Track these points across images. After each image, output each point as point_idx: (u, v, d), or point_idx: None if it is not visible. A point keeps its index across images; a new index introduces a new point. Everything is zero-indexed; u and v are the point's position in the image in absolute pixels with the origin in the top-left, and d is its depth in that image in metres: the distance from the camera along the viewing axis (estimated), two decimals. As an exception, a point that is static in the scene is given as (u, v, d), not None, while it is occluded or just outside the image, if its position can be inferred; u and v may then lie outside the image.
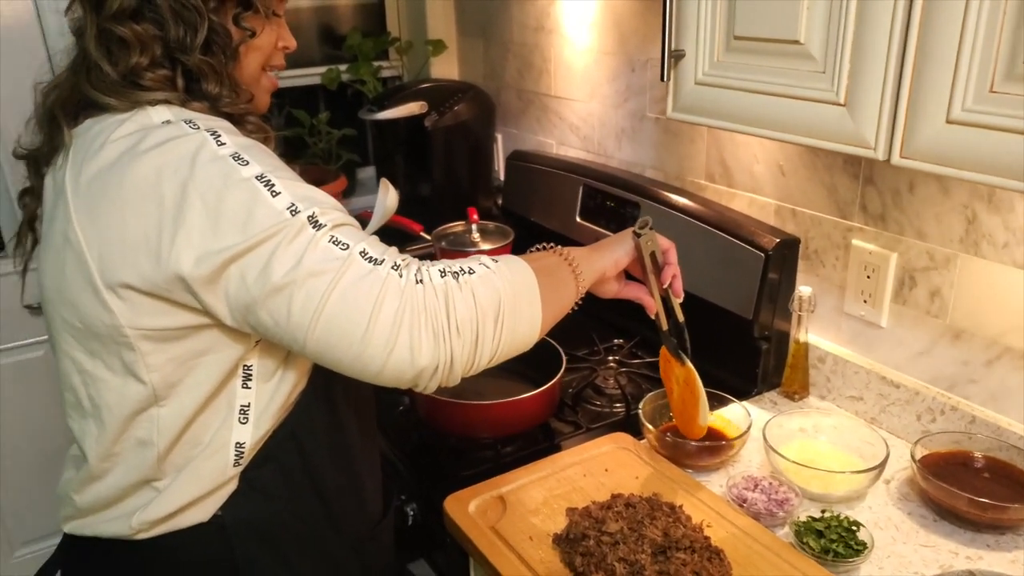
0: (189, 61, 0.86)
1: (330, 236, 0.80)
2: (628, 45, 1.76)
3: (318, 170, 2.28)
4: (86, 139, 0.86)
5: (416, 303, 0.80)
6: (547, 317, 0.93)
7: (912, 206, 1.25)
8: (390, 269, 0.81)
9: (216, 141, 0.81)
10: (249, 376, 0.90)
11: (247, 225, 0.77)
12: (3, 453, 2.15)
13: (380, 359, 0.80)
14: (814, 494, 1.17)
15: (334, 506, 1.00)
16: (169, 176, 0.78)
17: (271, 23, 0.95)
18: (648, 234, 1.09)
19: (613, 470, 1.23)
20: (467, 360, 0.84)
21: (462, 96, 2.17)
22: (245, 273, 0.78)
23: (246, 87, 0.95)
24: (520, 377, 1.48)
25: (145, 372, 0.85)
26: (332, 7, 2.46)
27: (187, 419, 0.88)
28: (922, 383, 1.29)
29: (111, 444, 0.89)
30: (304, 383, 0.95)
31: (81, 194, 0.82)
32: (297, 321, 0.79)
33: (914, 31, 0.84)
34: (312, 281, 0.78)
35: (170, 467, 0.90)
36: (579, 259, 1.01)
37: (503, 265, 0.89)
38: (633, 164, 1.82)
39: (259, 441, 0.92)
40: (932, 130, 0.85)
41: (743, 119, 1.07)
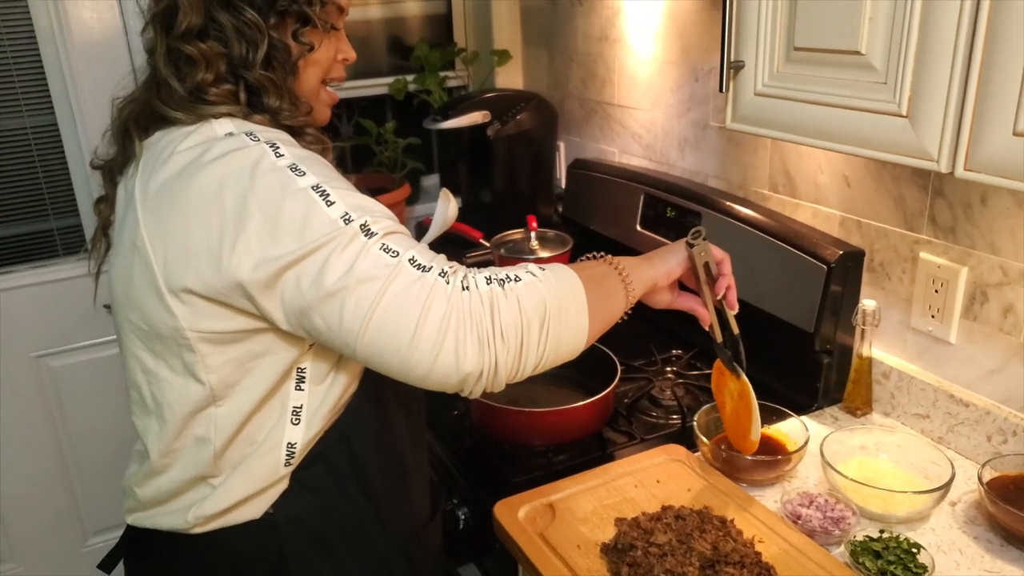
0: (251, 76, 0.90)
1: (381, 244, 0.82)
2: (691, 55, 1.75)
3: (383, 178, 2.32)
4: (155, 150, 0.90)
5: (462, 309, 0.82)
6: (594, 326, 0.93)
7: (984, 219, 1.21)
8: (438, 276, 0.83)
9: (275, 153, 0.84)
10: (303, 379, 0.93)
11: (303, 233, 0.80)
12: (79, 446, 2.26)
13: (427, 363, 0.82)
14: (873, 514, 1.14)
15: (382, 506, 1.03)
16: (231, 186, 0.82)
17: (330, 37, 0.98)
18: (701, 244, 1.08)
19: (665, 482, 1.22)
20: (511, 366, 0.85)
21: (525, 105, 2.19)
22: (300, 279, 0.81)
23: (306, 100, 0.98)
24: (575, 385, 1.48)
25: (204, 373, 0.88)
26: (401, 18, 2.51)
27: (243, 418, 0.91)
28: (993, 402, 1.25)
29: (171, 441, 0.93)
30: (355, 387, 0.97)
31: (149, 203, 0.87)
32: (349, 326, 0.81)
33: (980, 41, 0.82)
34: (363, 287, 0.80)
35: (226, 464, 0.93)
36: (630, 269, 1.01)
37: (550, 273, 0.90)
38: (696, 173, 1.81)
39: (310, 442, 0.95)
40: (998, 142, 0.82)
41: (803, 130, 1.05)
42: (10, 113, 2.04)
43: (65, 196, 2.16)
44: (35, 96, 2.05)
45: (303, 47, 0.94)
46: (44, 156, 2.10)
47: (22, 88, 2.03)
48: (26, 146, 2.08)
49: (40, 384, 2.18)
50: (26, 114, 2.05)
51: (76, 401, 2.21)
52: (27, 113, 2.05)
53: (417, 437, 1.11)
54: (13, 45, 2.00)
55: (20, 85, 2.03)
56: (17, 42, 2.00)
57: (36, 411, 2.19)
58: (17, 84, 2.03)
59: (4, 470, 2.18)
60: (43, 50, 2.01)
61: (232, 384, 0.90)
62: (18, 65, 2.01)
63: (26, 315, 2.11)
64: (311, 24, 0.94)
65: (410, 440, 1.07)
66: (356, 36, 2.44)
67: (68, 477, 2.28)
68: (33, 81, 2.04)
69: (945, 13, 0.85)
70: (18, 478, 2.21)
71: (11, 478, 2.20)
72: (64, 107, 2.06)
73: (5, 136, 2.06)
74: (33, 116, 2.06)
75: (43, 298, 2.11)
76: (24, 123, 2.06)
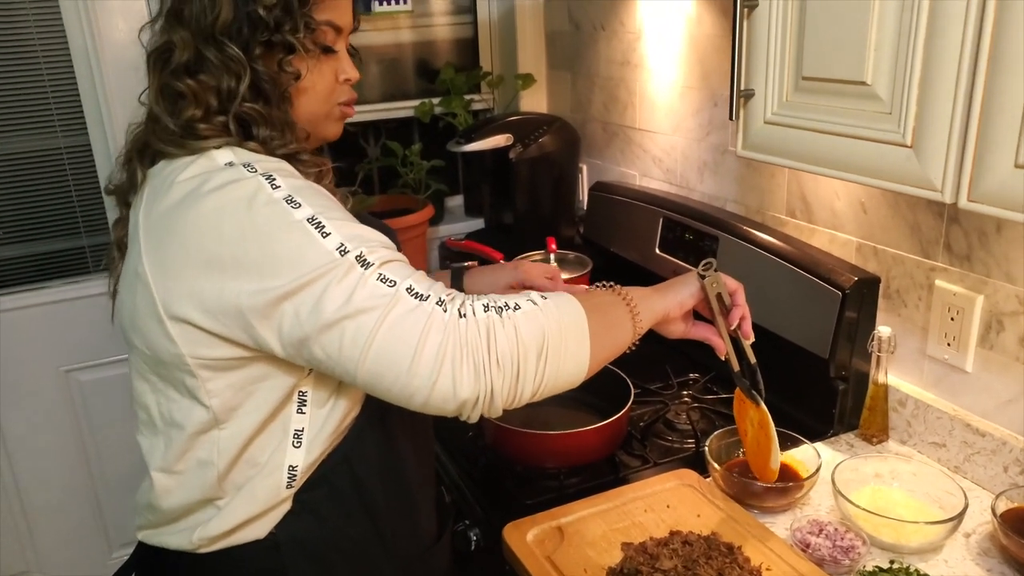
0: (238, 109, 0.91)
1: (378, 274, 0.83)
2: (711, 80, 1.76)
3: (408, 199, 2.36)
4: (158, 180, 0.92)
5: (459, 337, 0.83)
6: (597, 355, 0.93)
7: (1000, 247, 1.20)
8: (435, 304, 0.84)
9: (271, 185, 0.85)
10: (304, 402, 0.94)
11: (299, 265, 0.82)
12: (106, 460, 2.30)
13: (425, 390, 0.82)
14: (885, 543, 1.13)
15: (386, 529, 1.03)
16: (228, 217, 0.83)
17: (326, 60, 0.98)
18: (712, 276, 1.08)
19: (675, 506, 1.22)
20: (508, 393, 0.86)
21: (547, 129, 2.21)
22: (299, 310, 0.82)
23: (305, 125, 0.99)
24: (589, 408, 1.49)
25: (206, 397, 0.90)
26: (430, 42, 2.55)
27: (245, 441, 0.93)
28: (1010, 432, 1.23)
29: (175, 462, 0.95)
30: (357, 410, 0.98)
31: (150, 232, 0.89)
32: (348, 354, 0.82)
33: (981, 74, 0.82)
34: (362, 317, 0.81)
35: (230, 486, 0.95)
36: (638, 299, 1.01)
37: (551, 302, 0.90)
38: (714, 198, 1.81)
39: (311, 465, 0.96)
40: (1000, 174, 0.83)
41: (811, 159, 1.06)
42: (46, 133, 2.11)
43: (97, 214, 2.22)
44: (70, 116, 2.12)
45: (290, 76, 0.94)
46: (77, 175, 2.17)
47: (57, 108, 2.10)
48: (60, 166, 2.15)
49: (69, 398, 2.23)
50: (60, 134, 2.12)
51: (104, 415, 2.26)
52: (62, 133, 2.12)
53: (423, 460, 1.11)
54: (49, 66, 2.06)
55: (55, 105, 2.09)
56: (53, 63, 2.07)
57: (65, 424, 2.24)
58: (52, 104, 2.09)
59: (32, 482, 2.24)
60: (78, 71, 2.08)
61: (234, 408, 0.91)
62: (54, 85, 2.08)
63: (58, 330, 2.17)
64: (296, 52, 0.93)
65: (416, 463, 1.08)
66: (386, 59, 2.49)
67: (95, 490, 2.32)
68: (68, 101, 2.11)
69: (948, 44, 0.85)
70: (46, 490, 2.26)
71: (39, 490, 2.25)
72: (97, 127, 2.12)
73: (41, 156, 2.12)
74: (67, 136, 2.13)
75: (74, 313, 2.17)
76: (59, 143, 2.13)
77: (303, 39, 0.93)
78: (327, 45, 0.98)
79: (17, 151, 2.11)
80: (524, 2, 2.41)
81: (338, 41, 1.00)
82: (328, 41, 0.98)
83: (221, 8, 0.89)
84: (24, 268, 2.19)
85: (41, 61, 2.05)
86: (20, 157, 2.11)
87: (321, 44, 0.96)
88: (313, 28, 0.94)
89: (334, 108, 1.02)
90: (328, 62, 0.99)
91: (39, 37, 2.04)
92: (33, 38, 2.03)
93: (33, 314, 2.14)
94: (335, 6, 0.97)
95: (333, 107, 1.02)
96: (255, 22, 0.90)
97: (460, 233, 2.48)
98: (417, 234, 2.27)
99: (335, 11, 0.97)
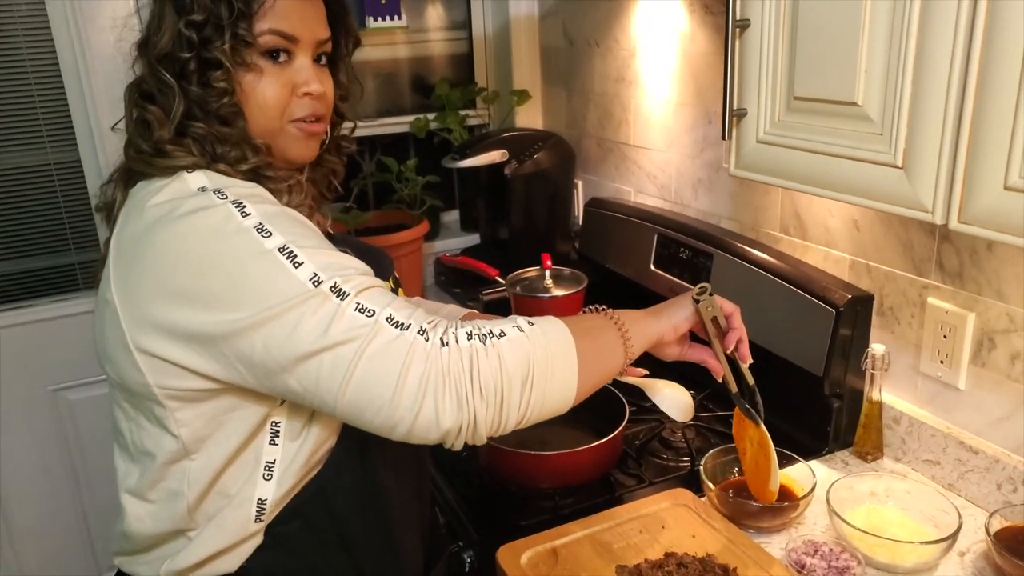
0: (189, 131, 0.90)
1: (356, 304, 0.81)
2: (705, 97, 1.77)
3: (403, 214, 2.36)
4: (133, 202, 0.91)
5: (441, 367, 0.81)
6: (585, 382, 0.90)
7: (991, 265, 1.20)
8: (416, 334, 0.81)
9: (241, 212, 0.83)
10: (277, 433, 0.91)
11: (269, 296, 0.80)
12: (96, 480, 2.27)
13: (407, 421, 0.81)
14: (880, 563, 1.13)
15: (364, 565, 1.00)
16: (195, 246, 0.81)
17: (274, 73, 0.92)
18: (707, 300, 1.07)
19: (670, 527, 1.21)
20: (492, 422, 0.84)
21: (542, 145, 2.22)
22: (268, 342, 0.80)
23: (266, 139, 0.94)
24: (584, 426, 1.48)
25: (175, 427, 0.88)
26: (425, 58, 2.56)
27: (215, 472, 0.90)
28: (1003, 450, 1.23)
29: (147, 491, 0.93)
30: (332, 441, 0.95)
31: (120, 256, 0.87)
32: (327, 387, 0.80)
33: (970, 96, 0.83)
34: (340, 348, 0.79)
35: (202, 517, 0.92)
36: (630, 323, 0.98)
37: (538, 328, 0.88)
38: (709, 214, 1.82)
39: (282, 498, 0.93)
40: (990, 196, 0.83)
41: (803, 179, 1.06)
42: (35, 148, 2.10)
43: (87, 231, 2.21)
44: (59, 132, 2.11)
45: (218, 92, 0.89)
46: (67, 191, 2.16)
47: (46, 124, 2.09)
48: (49, 181, 2.14)
49: (58, 417, 2.21)
50: (50, 150, 2.12)
51: (93, 434, 2.24)
52: (51, 149, 2.12)
53: (408, 492, 1.07)
54: (39, 81, 2.06)
55: (45, 120, 2.09)
56: (43, 78, 2.06)
57: (53, 444, 2.22)
58: (42, 119, 2.09)
59: (20, 502, 2.21)
60: (67, 86, 2.07)
61: (204, 438, 0.89)
62: (43, 100, 2.08)
63: (46, 348, 2.15)
64: (222, 67, 0.88)
65: (399, 496, 1.04)
66: (381, 74, 2.50)
67: (83, 511, 2.30)
68: (58, 116, 2.10)
69: (937, 66, 0.86)
70: (34, 511, 2.23)
71: (27, 511, 2.22)
72: (87, 143, 2.12)
73: (30, 172, 2.12)
74: (57, 151, 2.12)
75: (63, 331, 2.15)
76: (48, 159, 2.12)
77: (240, 52, 0.89)
78: (272, 49, 0.91)
79: (6, 167, 2.10)
80: (519, 18, 2.42)
81: (296, 51, 0.93)
82: (271, 46, 0.91)
83: (164, 33, 0.89)
84: (13, 285, 2.18)
85: (31, 76, 2.05)
86: (9, 173, 2.10)
87: (265, 51, 0.91)
88: (248, 40, 0.89)
89: (287, 125, 0.95)
90: (277, 75, 0.93)
91: (28, 52, 2.03)
92: (23, 53, 2.02)
93: (21, 332, 2.13)
94: (285, 15, 0.91)
95: (286, 124, 0.95)
96: (182, 42, 0.88)
97: (455, 249, 2.48)
98: (412, 250, 2.27)
99: (285, 20, 0.91)
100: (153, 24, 0.91)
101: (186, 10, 0.88)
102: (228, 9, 0.88)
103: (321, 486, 0.95)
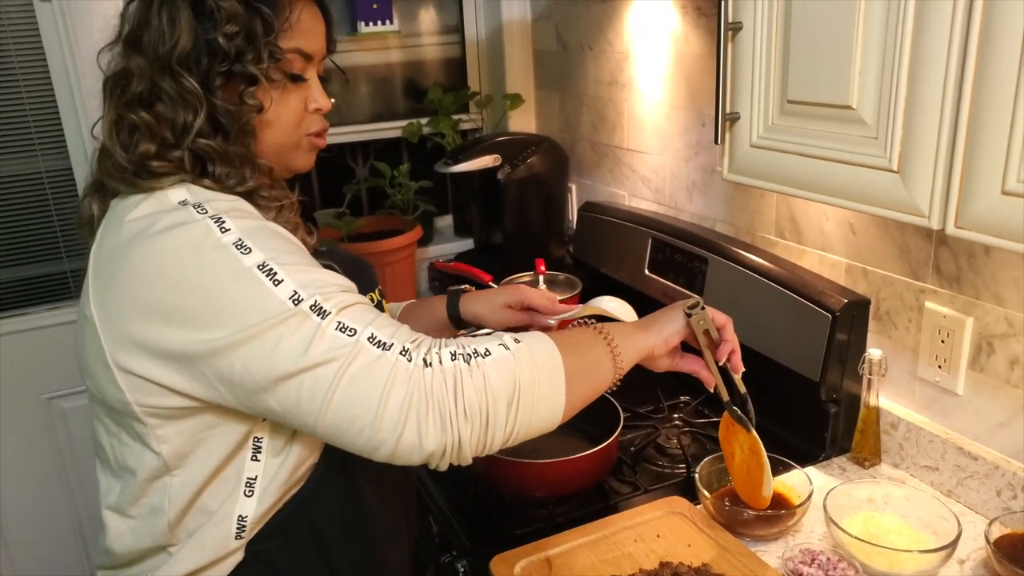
0: (191, 145, 0.86)
1: (336, 323, 0.79)
2: (698, 100, 1.75)
3: (396, 220, 2.34)
4: (111, 216, 0.89)
5: (423, 388, 0.79)
6: (573, 399, 0.89)
7: (988, 269, 1.19)
8: (398, 354, 0.80)
9: (220, 228, 0.81)
10: (259, 449, 0.90)
11: (247, 315, 0.78)
12: (89, 488, 2.25)
13: (390, 444, 0.79)
14: (878, 572, 1.11)
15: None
16: (173, 263, 0.79)
17: (293, 90, 0.93)
18: (699, 314, 1.05)
19: (665, 536, 1.20)
20: (477, 443, 0.82)
21: (535, 149, 2.20)
22: (247, 362, 0.78)
23: (271, 157, 0.94)
24: (579, 433, 1.47)
25: (156, 444, 0.86)
26: (418, 62, 2.54)
27: (197, 488, 0.89)
28: (1002, 456, 1.22)
29: (128, 506, 0.92)
30: (314, 458, 0.94)
31: (98, 272, 0.85)
32: (307, 408, 0.79)
33: (966, 99, 0.82)
34: (320, 369, 0.78)
35: (183, 533, 0.91)
36: (619, 337, 0.97)
37: (524, 346, 0.87)
38: (704, 218, 1.80)
39: (263, 515, 0.92)
40: (987, 200, 0.82)
41: (797, 183, 1.05)
42: (26, 156, 2.08)
43: (79, 238, 2.16)
44: (50, 139, 2.09)
45: (251, 108, 0.88)
46: (58, 199, 2.14)
47: (37, 131, 2.07)
48: (40, 189, 2.12)
49: (51, 426, 2.19)
50: (41, 157, 2.09)
51: (87, 443, 2.19)
52: (42, 156, 2.09)
53: (393, 510, 1.06)
54: (29, 88, 2.04)
55: (35, 127, 2.07)
56: (33, 85, 2.04)
57: (46, 452, 2.20)
58: (33, 127, 2.06)
59: (13, 511, 2.19)
60: (58, 93, 2.05)
61: (185, 455, 0.88)
62: (33, 108, 2.05)
63: (38, 357, 2.13)
64: (259, 83, 0.88)
65: (384, 514, 1.03)
66: (374, 79, 2.49)
67: (77, 518, 2.28)
68: (49, 124, 2.08)
69: (932, 69, 0.84)
70: (27, 520, 2.21)
71: (20, 518, 2.21)
72: (78, 150, 2.10)
73: (21, 180, 2.10)
74: (48, 159, 2.10)
75: (55, 339, 2.13)
76: (39, 166, 2.10)
77: (267, 69, 0.88)
78: (295, 74, 0.92)
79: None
80: (512, 22, 2.41)
81: (308, 69, 0.95)
82: (296, 69, 0.93)
83: (180, 36, 0.84)
84: (5, 293, 2.16)
85: (21, 83, 2.03)
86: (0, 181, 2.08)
87: (288, 73, 0.91)
88: (278, 57, 0.89)
89: (303, 139, 0.97)
90: (296, 91, 0.93)
91: (18, 59, 2.01)
92: (12, 59, 2.00)
93: (14, 340, 2.11)
94: (304, 33, 0.92)
95: (301, 138, 0.96)
96: (215, 52, 0.85)
97: (449, 254, 2.47)
98: (406, 255, 2.25)
99: (304, 38, 0.92)
100: (156, 22, 0.86)
101: (213, 19, 0.85)
102: (263, 25, 0.87)
103: (303, 503, 0.94)
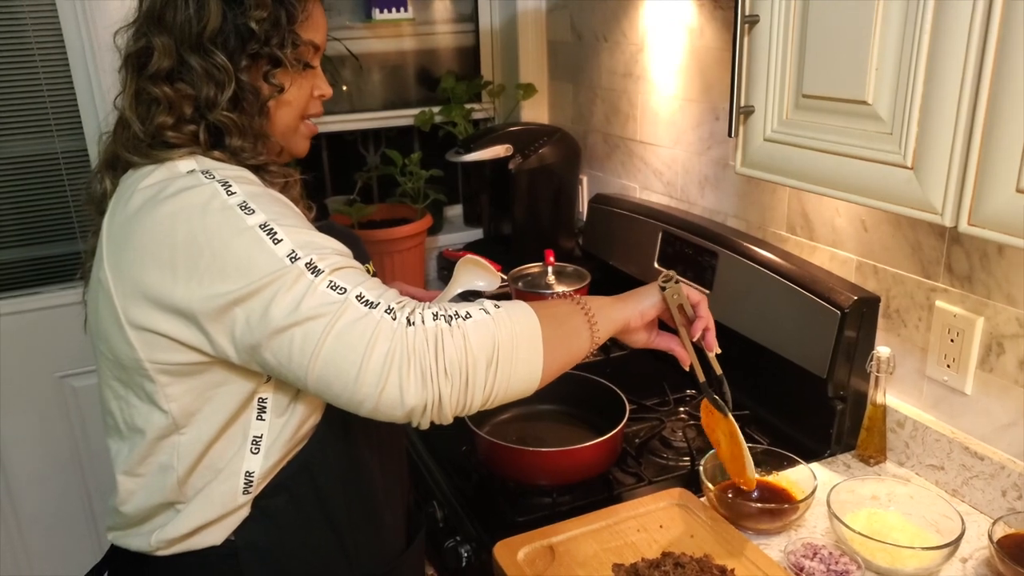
0: (214, 117, 0.92)
1: (328, 281, 0.83)
2: (712, 93, 1.75)
3: (406, 208, 2.35)
4: (123, 187, 0.93)
5: (405, 345, 0.83)
6: (551, 365, 0.92)
7: (1001, 269, 1.19)
8: (383, 312, 0.84)
9: (226, 191, 0.86)
10: (264, 408, 0.94)
11: (250, 271, 0.82)
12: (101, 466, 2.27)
13: (373, 398, 0.83)
14: (880, 568, 1.12)
15: (347, 538, 1.03)
16: (182, 223, 0.84)
17: (304, 76, 1.00)
18: (672, 287, 1.08)
19: (668, 527, 1.20)
20: (456, 401, 0.86)
21: (547, 140, 2.20)
22: (249, 316, 0.83)
23: (279, 138, 1.01)
24: (584, 423, 1.48)
25: (164, 402, 0.91)
26: (431, 50, 2.54)
27: (204, 446, 0.93)
28: (1009, 456, 1.22)
29: (137, 466, 0.95)
30: (316, 417, 0.98)
31: (112, 239, 0.90)
32: (298, 361, 0.83)
33: (983, 97, 0.81)
34: (310, 324, 0.82)
35: (191, 490, 0.95)
36: (597, 308, 1.00)
37: (504, 312, 0.90)
38: (715, 212, 1.80)
39: (269, 471, 0.96)
40: (1002, 199, 0.81)
41: (811, 178, 1.05)
42: (43, 137, 2.09)
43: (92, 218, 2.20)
44: (67, 120, 2.10)
45: (273, 88, 0.96)
46: (74, 180, 2.15)
47: (54, 112, 2.09)
48: (56, 170, 2.13)
49: (64, 404, 2.21)
50: (57, 138, 2.11)
51: (98, 421, 2.22)
52: (58, 137, 2.11)
53: (391, 470, 1.11)
54: (47, 70, 2.05)
55: (52, 109, 2.08)
56: (50, 67, 2.05)
57: (59, 431, 2.23)
58: (50, 108, 2.08)
59: (26, 488, 2.22)
60: (75, 75, 2.06)
61: (193, 413, 0.92)
62: (51, 89, 2.07)
63: (52, 335, 2.15)
64: (283, 66, 0.96)
65: (381, 475, 1.08)
66: (387, 66, 2.49)
67: (88, 495, 2.31)
68: (65, 105, 2.09)
69: (950, 66, 0.84)
70: (39, 495, 2.24)
71: (33, 497, 2.23)
72: (94, 132, 2.10)
73: (38, 160, 2.11)
74: (64, 140, 2.11)
75: (69, 319, 2.13)
76: (55, 147, 2.11)
77: (288, 54, 0.95)
78: (307, 62, 1.00)
79: (14, 155, 2.09)
80: (526, 12, 2.41)
81: (315, 58, 1.02)
82: (308, 58, 1.00)
83: (209, 17, 0.90)
84: (20, 273, 2.18)
85: (39, 64, 2.04)
86: (17, 161, 2.10)
87: (303, 60, 0.99)
88: (298, 44, 0.96)
89: (302, 123, 1.04)
90: (307, 78, 1.01)
91: (36, 40, 2.02)
92: (31, 41, 2.02)
93: (28, 319, 2.13)
94: (316, 27, 1.00)
95: (302, 122, 1.04)
96: (245, 34, 0.92)
97: (459, 243, 2.47)
98: (415, 244, 2.26)
99: (316, 31, 1.00)
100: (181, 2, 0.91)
101: (243, 4, 0.91)
102: (288, 15, 0.94)
103: (306, 461, 0.98)
